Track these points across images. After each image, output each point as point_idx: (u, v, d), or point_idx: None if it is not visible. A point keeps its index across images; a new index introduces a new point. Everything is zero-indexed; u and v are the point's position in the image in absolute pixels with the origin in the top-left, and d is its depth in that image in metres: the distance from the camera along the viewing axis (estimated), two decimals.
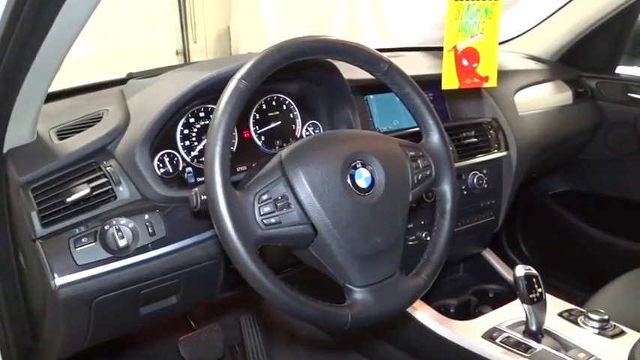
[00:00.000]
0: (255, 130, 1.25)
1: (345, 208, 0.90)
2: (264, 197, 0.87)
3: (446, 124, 1.19)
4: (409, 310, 1.29)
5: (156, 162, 1.11)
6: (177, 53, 4.10)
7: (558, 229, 2.15)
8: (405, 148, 1.00)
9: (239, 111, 0.86)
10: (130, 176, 1.03)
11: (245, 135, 1.24)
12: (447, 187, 1.03)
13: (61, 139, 1.05)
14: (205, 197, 0.86)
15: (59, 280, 0.93)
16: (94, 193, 0.99)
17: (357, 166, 0.92)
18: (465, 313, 1.48)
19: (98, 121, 1.10)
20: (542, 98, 1.81)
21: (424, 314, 1.35)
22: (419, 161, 1.00)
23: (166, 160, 1.13)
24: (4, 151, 1.01)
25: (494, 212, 1.53)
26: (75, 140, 1.04)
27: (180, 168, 1.15)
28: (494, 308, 1.40)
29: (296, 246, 0.92)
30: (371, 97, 1.48)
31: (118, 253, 0.97)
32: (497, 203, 1.53)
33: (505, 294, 1.49)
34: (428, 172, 1.01)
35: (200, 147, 1.17)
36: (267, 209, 0.86)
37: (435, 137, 1.04)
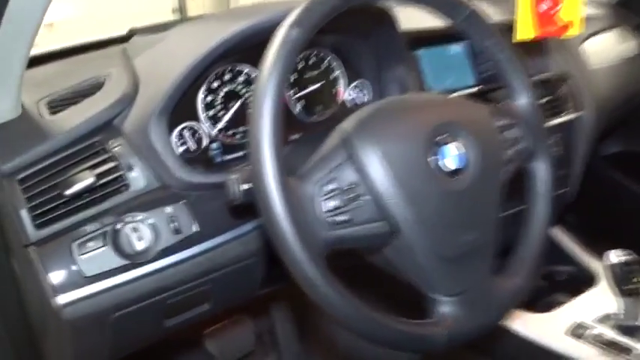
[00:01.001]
0: (292, 95, 1.02)
1: (431, 198, 0.68)
2: (329, 187, 0.65)
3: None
4: None
5: (174, 138, 0.89)
6: (173, 11, 3.83)
7: (612, 195, 1.93)
8: (493, 116, 0.78)
9: (291, 68, 0.64)
10: (144, 158, 0.81)
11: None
12: (541, 164, 0.82)
13: (53, 113, 0.83)
14: (248, 187, 0.64)
15: (62, 298, 0.73)
16: (100, 183, 0.78)
17: (444, 141, 0.70)
18: (537, 302, 1.28)
19: (99, 88, 0.87)
20: (608, 49, 1.56)
21: None
22: (511, 132, 0.78)
23: (186, 135, 0.90)
24: None
25: (569, 183, 1.31)
26: (71, 114, 0.82)
27: (204, 144, 0.92)
28: (569, 296, 1.20)
29: (368, 248, 0.71)
30: (422, 51, 1.24)
31: (136, 259, 0.76)
32: (571, 172, 1.31)
33: (579, 277, 1.29)
34: (521, 146, 0.79)
35: (228, 117, 0.94)
36: (333, 203, 0.65)
37: (524, 101, 0.82)
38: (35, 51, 0.84)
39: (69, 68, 0.96)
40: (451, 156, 0.70)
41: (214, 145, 0.94)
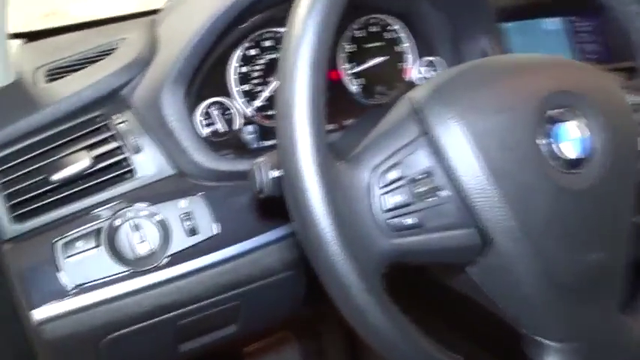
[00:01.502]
0: (348, 69, 0.83)
1: (540, 197, 0.47)
2: (392, 176, 0.45)
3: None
4: None
5: (199, 116, 0.71)
6: None
7: None
8: (627, 91, 0.56)
9: (337, 18, 0.45)
10: (155, 138, 0.64)
11: (332, 76, 0.82)
12: None
13: (50, 81, 0.67)
14: (280, 174, 0.46)
15: (40, 312, 0.56)
16: (98, 167, 0.61)
17: (560, 118, 0.49)
18: None
19: (109, 54, 0.71)
20: None
21: None
22: None
23: (214, 113, 0.73)
24: None
25: None
26: (69, 82, 0.66)
27: (237, 126, 0.74)
28: None
29: (445, 266, 0.51)
30: (510, 25, 1.03)
31: (137, 266, 0.59)
32: None
33: None
34: None
35: (267, 93, 0.76)
36: (397, 199, 0.45)
37: None
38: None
39: (84, 37, 0.81)
40: (570, 140, 0.48)
41: (250, 128, 0.75)
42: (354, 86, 0.83)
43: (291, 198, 0.42)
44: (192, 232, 0.61)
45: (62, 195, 0.59)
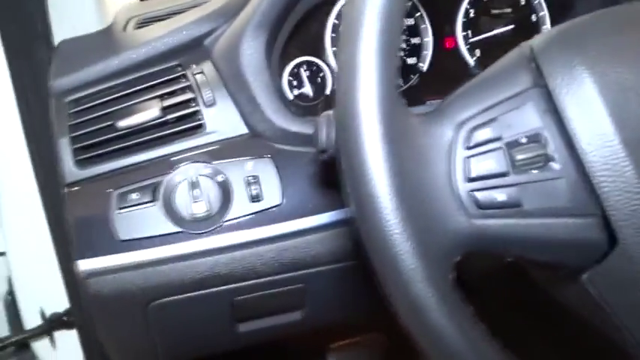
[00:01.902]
0: (467, 37, 0.71)
1: None
2: (484, 135, 0.34)
3: None
4: None
5: (287, 76, 0.64)
6: None
7: None
8: None
9: None
10: (232, 91, 0.58)
11: (446, 44, 0.71)
12: None
13: (138, 28, 0.64)
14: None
15: (85, 264, 0.53)
16: (167, 118, 0.56)
17: None
18: None
19: (201, 5, 0.66)
20: None
21: None
22: None
23: (304, 75, 0.65)
24: (55, 44, 0.63)
25: None
26: (154, 29, 0.62)
27: (328, 90, 0.66)
28: None
29: (553, 267, 0.38)
30: None
31: (193, 227, 0.53)
32: None
33: None
34: None
35: None
36: (488, 165, 0.34)
37: None
38: None
39: None
40: None
41: None
42: (471, 57, 0.71)
43: (344, 155, 0.33)
44: (256, 198, 0.54)
45: (127, 144, 0.55)
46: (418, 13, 0.69)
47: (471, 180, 0.33)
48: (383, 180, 0.31)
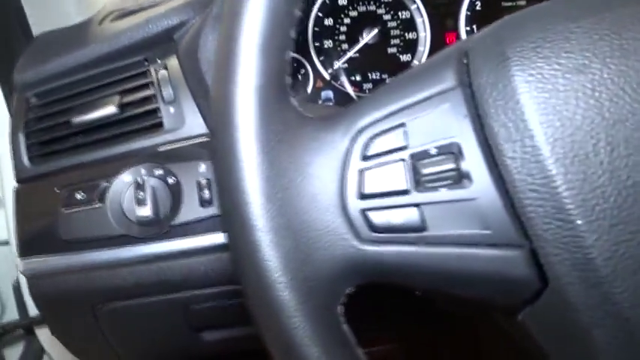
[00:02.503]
0: (471, 32, 0.64)
1: None
2: (385, 143, 0.29)
3: None
4: None
5: None
6: None
7: None
8: None
9: None
10: (192, 88, 0.54)
11: (447, 40, 0.64)
12: None
13: (113, 21, 0.62)
14: None
15: (28, 263, 0.51)
16: (124, 116, 0.54)
17: None
18: None
19: None
20: None
21: None
22: None
23: None
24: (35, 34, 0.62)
25: None
26: (127, 21, 0.60)
27: (310, 88, 0.62)
28: None
29: (484, 307, 0.32)
30: None
31: (140, 231, 0.50)
32: None
33: None
34: None
35: (353, 52, 0.62)
36: (387, 179, 0.28)
37: None
38: None
39: None
40: None
41: (326, 93, 0.62)
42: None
43: (214, 158, 0.28)
44: (207, 202, 0.50)
45: (82, 142, 0.53)
46: (414, 5, 0.63)
47: (365, 197, 0.28)
48: (254, 192, 0.27)
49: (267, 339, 0.28)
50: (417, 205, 0.27)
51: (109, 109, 0.53)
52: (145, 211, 0.49)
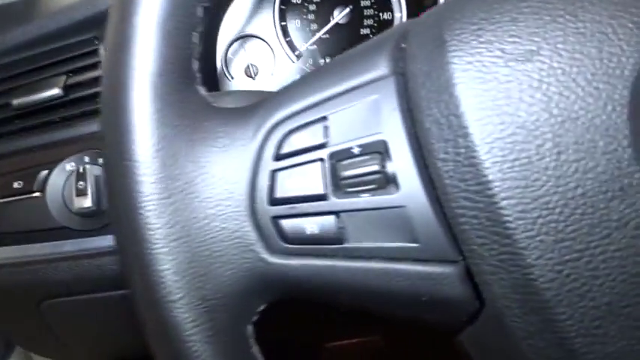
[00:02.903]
0: None
1: (620, 211, 0.21)
2: (302, 140, 0.25)
3: None
4: None
5: (222, 55, 0.56)
6: None
7: None
8: None
9: None
10: None
11: None
12: None
13: None
14: None
15: None
16: (69, 98, 0.50)
17: None
18: None
19: None
20: None
21: None
22: None
23: (241, 51, 0.57)
24: None
25: None
26: None
27: (274, 72, 0.58)
28: None
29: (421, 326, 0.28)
30: None
31: (76, 223, 0.47)
32: None
33: None
34: None
35: (323, 33, 0.58)
36: (302, 183, 0.24)
37: None
38: None
39: None
40: None
41: (294, 78, 0.58)
42: None
43: (105, 153, 0.25)
44: None
45: (21, 126, 0.50)
46: None
47: (276, 202, 0.24)
48: (143, 195, 0.23)
49: (152, 348, 0.25)
50: (335, 212, 0.24)
51: (53, 91, 0.49)
52: (86, 202, 0.46)
